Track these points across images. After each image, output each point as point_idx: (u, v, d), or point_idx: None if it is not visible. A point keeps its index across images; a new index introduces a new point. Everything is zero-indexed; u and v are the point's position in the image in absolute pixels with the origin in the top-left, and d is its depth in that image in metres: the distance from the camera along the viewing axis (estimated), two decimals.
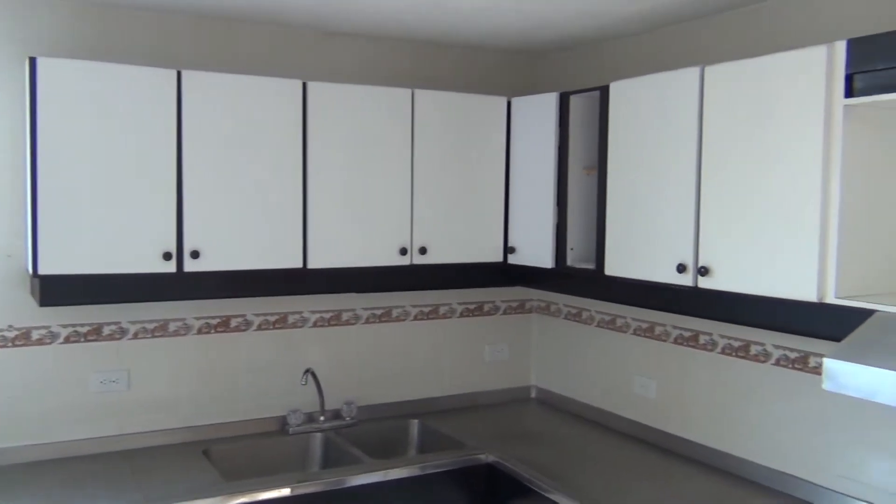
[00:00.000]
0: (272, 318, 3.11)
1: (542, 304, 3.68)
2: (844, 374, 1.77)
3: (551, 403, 3.61)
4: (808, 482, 2.45)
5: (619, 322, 3.23)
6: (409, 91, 2.94)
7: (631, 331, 3.18)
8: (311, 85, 2.77)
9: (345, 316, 3.25)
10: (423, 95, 2.96)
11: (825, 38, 2.04)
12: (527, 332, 3.72)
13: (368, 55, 3.25)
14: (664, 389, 3.02)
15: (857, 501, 2.31)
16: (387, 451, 3.10)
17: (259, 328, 3.09)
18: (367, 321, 3.31)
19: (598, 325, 3.35)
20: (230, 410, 3.04)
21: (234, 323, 3.04)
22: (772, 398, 2.58)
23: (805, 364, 2.48)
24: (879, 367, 1.70)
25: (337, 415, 3.19)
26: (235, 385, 3.06)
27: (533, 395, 3.74)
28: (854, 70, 1.92)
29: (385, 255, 2.92)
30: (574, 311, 3.49)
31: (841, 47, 1.95)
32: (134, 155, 2.50)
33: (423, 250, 2.97)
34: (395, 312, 3.36)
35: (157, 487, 2.48)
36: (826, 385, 1.81)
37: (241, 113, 2.65)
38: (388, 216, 2.92)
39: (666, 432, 2.99)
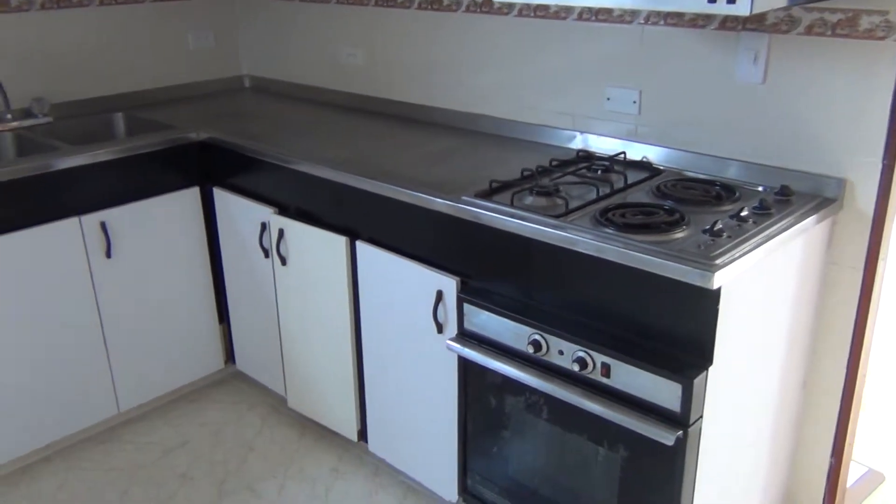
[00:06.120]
0: None
1: None
2: None
3: (265, 89, 3.58)
4: (501, 119, 2.71)
5: None
6: None
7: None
8: None
9: (14, 1, 2.87)
10: None
11: None
12: (231, 16, 3.55)
13: None
14: (371, 55, 3.10)
15: (533, 126, 2.61)
16: (91, 142, 2.94)
17: None
18: (43, 6, 2.95)
19: (301, 0, 3.28)
20: None
21: None
22: (463, 45, 2.75)
23: (491, 6, 2.63)
24: None
25: (27, 113, 2.93)
26: None
27: (247, 84, 3.67)
28: None
29: None
30: None
31: None
32: None
33: None
34: None
35: None
36: None
37: None
38: None
39: (375, 97, 3.11)
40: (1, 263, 2.40)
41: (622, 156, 2.32)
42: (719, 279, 1.58)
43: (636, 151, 2.33)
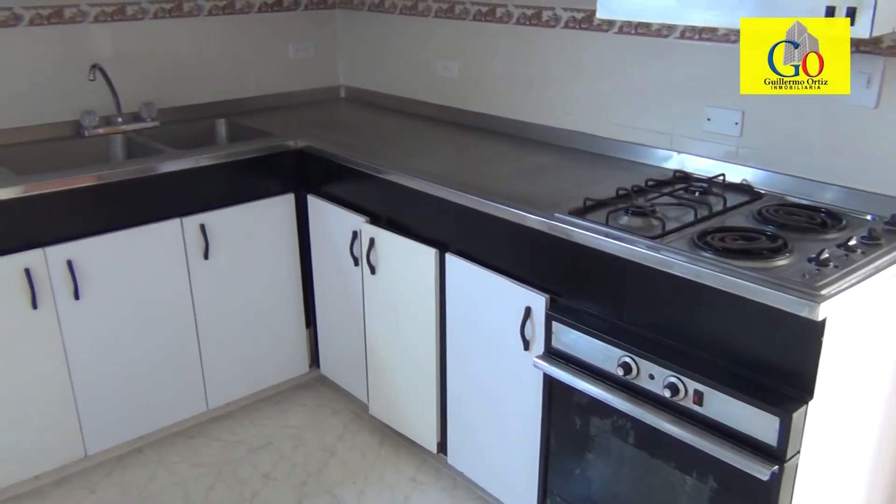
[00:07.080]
0: (45, 13, 2.83)
1: None
2: None
3: (362, 100, 3.65)
4: (596, 136, 2.68)
5: (421, 6, 3.22)
6: None
7: (433, 13, 3.18)
8: None
9: (129, 10, 3.01)
10: None
11: None
12: (331, 27, 3.64)
13: None
14: (466, 69, 3.12)
15: (629, 144, 2.57)
16: (195, 146, 3.05)
17: (31, 23, 2.81)
18: (156, 15, 3.09)
19: (400, 13, 3.33)
20: (10, 116, 2.83)
21: None
22: (561, 61, 2.74)
23: (590, 23, 2.61)
24: None
25: (136, 117, 3.06)
26: (13, 88, 2.82)
27: (343, 94, 3.74)
28: None
29: None
30: (376, 0, 3.42)
31: None
32: None
33: None
34: (186, 6, 3.15)
35: None
36: (600, 13, 1.93)
37: None
38: None
39: (469, 111, 3.13)
40: (105, 260, 2.50)
41: (721, 178, 2.26)
42: (825, 310, 1.52)
43: (736, 174, 2.27)
